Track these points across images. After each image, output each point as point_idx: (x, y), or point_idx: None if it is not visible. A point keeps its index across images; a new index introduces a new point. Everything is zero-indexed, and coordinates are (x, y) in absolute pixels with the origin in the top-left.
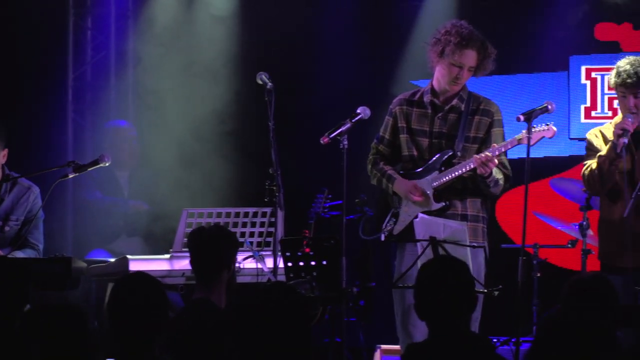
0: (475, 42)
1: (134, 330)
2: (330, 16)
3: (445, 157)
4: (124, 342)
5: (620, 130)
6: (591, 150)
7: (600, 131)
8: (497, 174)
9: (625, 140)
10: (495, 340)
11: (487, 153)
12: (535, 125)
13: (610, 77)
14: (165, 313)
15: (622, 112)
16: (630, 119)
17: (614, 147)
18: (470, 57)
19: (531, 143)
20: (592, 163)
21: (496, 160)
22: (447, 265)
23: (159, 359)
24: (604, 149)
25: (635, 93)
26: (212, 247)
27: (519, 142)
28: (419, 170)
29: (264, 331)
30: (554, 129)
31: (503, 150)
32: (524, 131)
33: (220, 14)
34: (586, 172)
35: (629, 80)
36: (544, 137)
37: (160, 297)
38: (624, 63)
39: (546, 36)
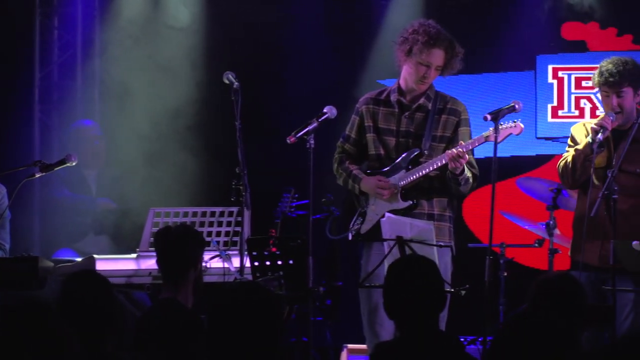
0: (442, 41)
1: (83, 327)
2: (298, 15)
3: (412, 155)
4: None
5: (598, 127)
6: (573, 143)
7: (584, 125)
8: (467, 173)
9: (601, 137)
10: (462, 339)
11: (459, 149)
12: (502, 123)
13: (594, 77)
14: (115, 311)
15: (606, 111)
16: (611, 117)
17: (589, 143)
18: (437, 56)
19: (498, 140)
20: (568, 156)
21: (467, 156)
22: (415, 264)
23: (113, 356)
24: (582, 144)
25: (617, 92)
26: (178, 247)
27: (487, 139)
28: (385, 169)
29: (232, 330)
30: (521, 125)
31: (471, 147)
32: (491, 128)
33: (188, 12)
34: (561, 164)
35: (611, 79)
36: (511, 133)
37: (107, 295)
38: (607, 62)
39: (513, 35)
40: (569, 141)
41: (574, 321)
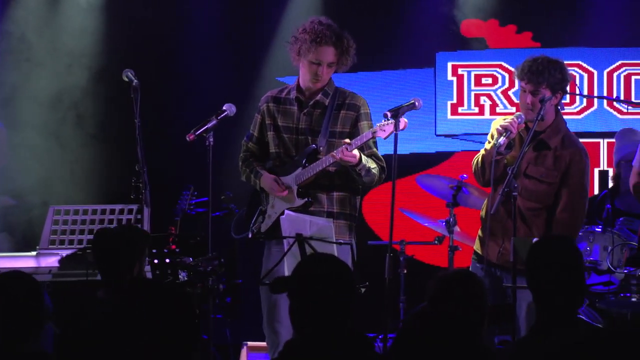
0: (330, 37)
1: (10, 326)
2: (197, 12)
3: (309, 152)
4: None
5: (502, 130)
6: (491, 139)
7: (504, 120)
8: (369, 163)
9: (502, 141)
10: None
11: (343, 147)
12: (385, 120)
13: (515, 75)
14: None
15: (520, 107)
16: (519, 120)
17: (495, 145)
18: (327, 54)
19: (384, 136)
20: (480, 154)
21: (355, 152)
22: (323, 262)
23: (34, 354)
24: (489, 144)
25: (532, 90)
26: (116, 251)
27: (374, 134)
28: (285, 166)
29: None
30: (405, 120)
31: (359, 143)
32: (378, 124)
33: (86, 7)
34: (474, 162)
35: (529, 75)
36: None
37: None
38: (528, 59)
39: (412, 33)
40: (488, 137)
41: (474, 318)
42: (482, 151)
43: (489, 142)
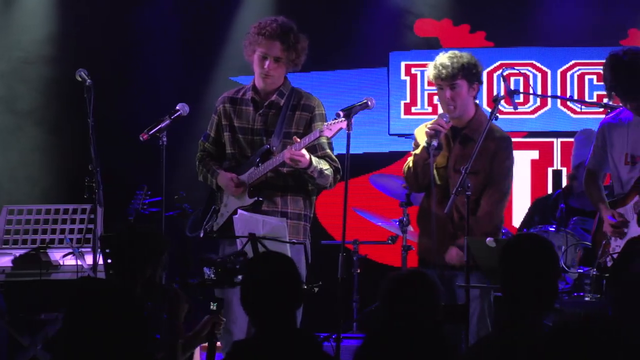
0: (275, 30)
1: None
2: (150, 12)
3: (262, 153)
4: None
5: (432, 131)
6: (416, 146)
7: (426, 126)
8: (322, 164)
9: (435, 143)
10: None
11: (292, 149)
12: (333, 119)
13: (429, 72)
14: None
15: (441, 106)
16: (445, 119)
17: (425, 147)
18: (272, 47)
19: (330, 134)
20: (410, 160)
21: (304, 152)
22: (272, 260)
23: None
24: (419, 148)
25: (451, 85)
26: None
27: (321, 133)
28: (240, 167)
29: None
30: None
31: (307, 142)
32: (325, 123)
33: (39, 8)
34: (405, 169)
35: (444, 72)
36: (341, 128)
37: None
38: (440, 56)
39: (366, 32)
40: (413, 144)
41: (428, 318)
42: (412, 157)
43: (414, 149)
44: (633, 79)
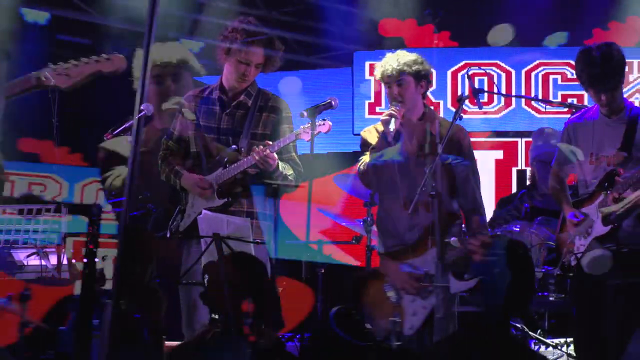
0: (261, 39)
1: None
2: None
3: (229, 153)
4: None
5: (388, 117)
6: (365, 146)
7: (375, 128)
8: (287, 170)
9: (392, 127)
10: (280, 336)
11: (266, 150)
12: (308, 123)
13: (376, 72)
14: None
15: (390, 104)
16: (397, 106)
17: (383, 136)
18: (256, 55)
19: (307, 138)
20: (366, 157)
21: (275, 156)
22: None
23: None
24: (376, 142)
25: (398, 81)
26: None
27: (297, 137)
28: (206, 166)
29: None
30: (330, 123)
31: (281, 145)
32: (302, 126)
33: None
34: (361, 167)
35: (389, 68)
36: (320, 132)
37: None
38: (386, 56)
39: (330, 32)
40: (360, 146)
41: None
42: (365, 159)
43: (363, 152)
44: (606, 69)
